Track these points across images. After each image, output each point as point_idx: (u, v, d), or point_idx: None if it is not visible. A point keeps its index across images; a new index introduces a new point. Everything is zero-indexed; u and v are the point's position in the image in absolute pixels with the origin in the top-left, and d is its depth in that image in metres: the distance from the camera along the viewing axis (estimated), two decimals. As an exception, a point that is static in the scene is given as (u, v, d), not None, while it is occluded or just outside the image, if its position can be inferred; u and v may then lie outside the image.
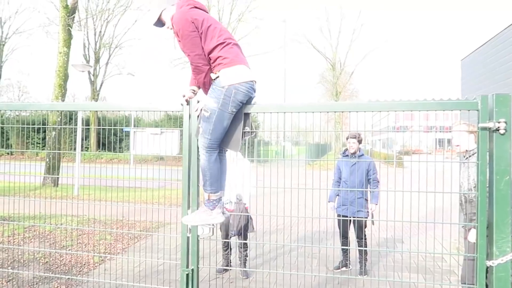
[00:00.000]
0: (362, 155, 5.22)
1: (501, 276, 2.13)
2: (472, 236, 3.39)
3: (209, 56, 2.49)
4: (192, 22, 2.43)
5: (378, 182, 5.15)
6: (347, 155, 5.24)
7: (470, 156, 3.56)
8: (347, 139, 5.18)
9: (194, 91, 2.75)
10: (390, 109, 2.56)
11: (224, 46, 2.46)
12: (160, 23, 2.68)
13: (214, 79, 2.49)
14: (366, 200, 5.14)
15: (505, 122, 2.12)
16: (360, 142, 5.18)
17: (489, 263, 2.15)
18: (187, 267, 2.85)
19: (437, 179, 2.63)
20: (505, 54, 5.10)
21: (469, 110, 2.36)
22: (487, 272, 2.20)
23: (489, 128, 2.18)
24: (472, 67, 6.29)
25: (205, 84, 2.58)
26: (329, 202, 5.31)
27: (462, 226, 3.60)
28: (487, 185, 2.21)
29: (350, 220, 5.19)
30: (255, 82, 2.55)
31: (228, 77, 2.42)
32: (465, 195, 3.54)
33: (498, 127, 2.12)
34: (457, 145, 3.69)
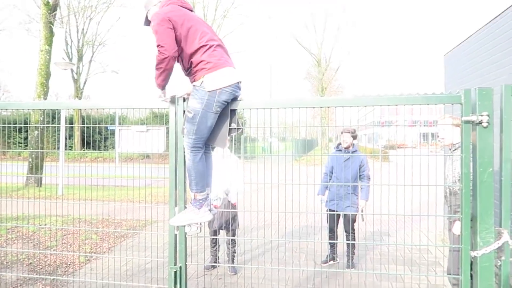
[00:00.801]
0: (356, 150, 5.19)
1: (486, 266, 2.17)
2: (456, 228, 3.45)
3: (191, 60, 2.45)
4: (169, 20, 2.39)
5: (369, 178, 5.16)
6: (341, 150, 5.20)
7: (455, 150, 3.61)
8: (341, 133, 5.15)
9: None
10: (375, 104, 2.57)
11: (207, 49, 2.42)
12: (149, 22, 2.65)
13: (199, 85, 2.43)
14: (356, 195, 5.16)
15: (488, 115, 2.15)
16: (355, 137, 5.15)
17: (473, 253, 2.18)
18: (175, 264, 2.83)
19: (422, 173, 2.66)
20: (487, 48, 5.19)
21: (452, 104, 2.39)
22: (472, 263, 2.24)
23: (472, 122, 2.21)
24: (455, 62, 6.38)
25: (163, 87, 2.54)
26: (318, 195, 5.31)
27: (447, 218, 3.66)
28: (471, 178, 2.25)
29: (339, 215, 5.22)
30: (240, 81, 2.53)
31: (212, 83, 2.39)
32: (449, 187, 3.59)
33: (481, 120, 2.16)
34: (442, 138, 3.74)
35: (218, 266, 5.13)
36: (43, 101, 3.12)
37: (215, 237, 4.92)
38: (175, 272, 2.82)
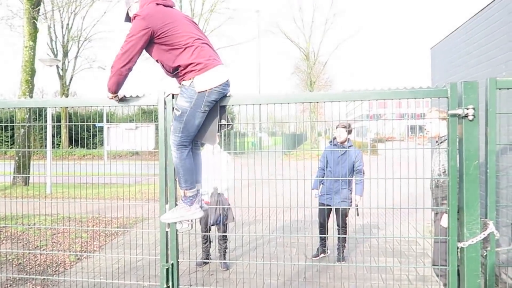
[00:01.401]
0: (351, 145, 5.19)
1: (472, 257, 2.22)
2: (444, 221, 3.51)
3: (178, 63, 2.39)
4: (147, 28, 2.31)
5: (364, 173, 5.18)
6: (336, 144, 5.19)
7: (441, 142, 3.66)
8: (336, 127, 5.15)
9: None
10: (364, 99, 2.59)
11: (194, 50, 2.37)
12: (130, 19, 2.59)
13: (188, 85, 2.41)
14: (350, 190, 5.19)
15: (473, 109, 2.19)
16: (350, 132, 5.15)
17: (460, 244, 2.23)
18: (167, 261, 2.83)
19: (410, 166, 2.70)
20: (473, 41, 5.25)
21: (439, 98, 2.43)
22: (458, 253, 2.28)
23: (459, 115, 2.24)
24: (442, 55, 6.46)
25: (116, 90, 2.50)
26: (312, 189, 5.34)
27: (433, 211, 3.72)
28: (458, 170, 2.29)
29: (330, 209, 5.25)
30: (229, 78, 2.52)
31: (202, 83, 2.37)
32: (435, 180, 3.65)
33: (467, 114, 2.20)
34: (428, 131, 3.79)
35: (210, 262, 5.14)
36: (29, 100, 3.08)
37: (206, 233, 4.93)
38: (167, 269, 2.82)
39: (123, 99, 2.67)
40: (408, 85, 2.54)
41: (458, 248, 2.26)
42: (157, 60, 2.50)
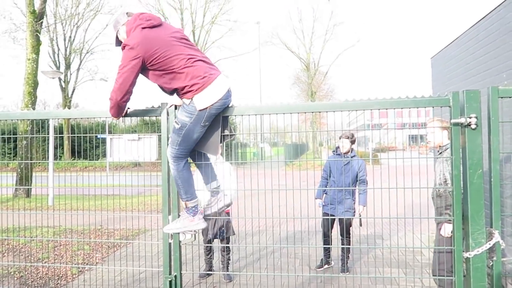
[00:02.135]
0: (355, 155, 5.18)
1: (478, 267, 2.20)
2: (446, 230, 3.48)
3: (174, 87, 2.39)
4: (137, 57, 2.30)
5: (367, 183, 5.17)
6: (339, 154, 5.19)
7: (442, 152, 3.66)
8: (340, 138, 5.16)
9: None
10: (366, 108, 2.60)
11: (188, 71, 2.33)
12: (120, 43, 2.54)
13: (188, 103, 2.40)
14: (354, 200, 5.17)
15: (476, 117, 2.19)
16: (353, 142, 5.14)
17: (466, 254, 2.21)
18: (170, 273, 2.81)
19: (413, 175, 2.69)
20: (474, 50, 5.27)
21: (441, 107, 2.43)
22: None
23: (461, 124, 2.24)
24: (442, 64, 6.48)
25: (119, 116, 2.55)
26: (316, 198, 5.32)
27: (434, 220, 3.71)
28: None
29: (334, 219, 5.22)
30: (229, 87, 2.48)
31: (202, 102, 2.35)
32: (436, 189, 3.64)
33: (470, 122, 2.19)
34: (429, 141, 3.80)
35: (213, 274, 5.10)
36: (31, 111, 3.09)
37: (209, 244, 4.90)
38: (170, 282, 2.80)
39: (127, 114, 2.69)
40: (408, 94, 2.54)
41: (464, 258, 2.24)
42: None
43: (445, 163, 3.57)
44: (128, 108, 2.72)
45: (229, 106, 2.56)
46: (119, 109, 2.49)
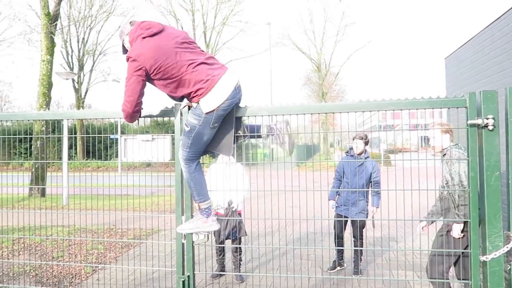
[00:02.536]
0: (368, 157, 5.15)
1: (495, 271, 2.16)
2: (455, 231, 3.45)
3: (179, 94, 2.42)
4: (140, 68, 2.33)
5: (380, 184, 5.12)
6: (352, 155, 5.16)
7: (444, 155, 3.65)
8: (353, 139, 5.12)
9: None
10: (380, 109, 2.58)
11: (190, 77, 2.32)
12: (127, 51, 2.55)
13: (195, 107, 2.42)
14: (367, 202, 5.13)
15: (493, 118, 2.16)
16: (367, 143, 5.11)
17: (483, 258, 2.18)
18: (183, 273, 2.82)
19: (425, 177, 2.67)
20: (489, 50, 5.20)
21: (457, 108, 2.40)
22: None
23: (478, 125, 2.21)
24: (456, 65, 6.40)
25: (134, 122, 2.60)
26: (329, 200, 5.30)
27: (445, 223, 3.67)
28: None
29: (346, 220, 5.19)
30: (237, 83, 2.43)
31: (208, 105, 2.35)
32: (440, 192, 3.66)
33: (487, 124, 2.16)
34: (433, 147, 3.80)
35: (225, 274, 5.11)
36: (47, 112, 3.14)
37: (221, 245, 4.91)
38: (183, 282, 2.82)
39: (141, 116, 2.72)
40: (421, 95, 2.52)
41: (481, 261, 2.21)
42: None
43: (445, 166, 3.56)
44: (142, 108, 2.75)
45: (239, 103, 2.54)
46: (132, 118, 2.53)
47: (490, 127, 2.16)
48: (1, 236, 5.78)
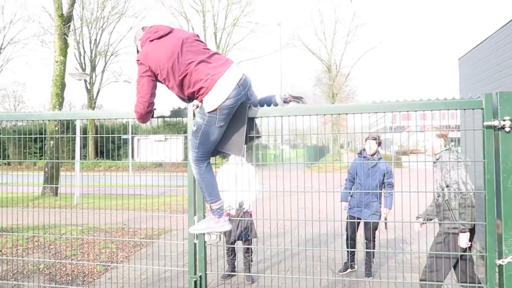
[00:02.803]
0: (381, 158, 5.12)
1: (511, 275, 2.13)
2: (462, 241, 3.37)
3: (185, 95, 2.45)
4: (148, 69, 2.39)
5: (393, 186, 5.10)
6: (365, 156, 5.12)
7: (437, 160, 3.58)
8: (366, 140, 5.10)
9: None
10: (394, 110, 2.56)
11: (190, 78, 2.35)
12: None
13: (200, 106, 2.44)
14: (380, 203, 5.10)
15: (510, 120, 2.13)
16: (379, 144, 5.09)
17: (499, 262, 2.15)
18: (195, 273, 2.84)
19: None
20: (503, 52, 5.13)
21: (473, 109, 2.37)
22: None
23: (494, 127, 2.19)
24: (470, 66, 6.32)
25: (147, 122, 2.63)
26: (341, 201, 5.27)
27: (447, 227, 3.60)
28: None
29: (359, 222, 5.16)
30: (241, 79, 2.38)
31: (209, 104, 2.35)
32: (435, 199, 3.59)
33: (503, 125, 2.14)
34: (426, 150, 3.72)
35: (236, 275, 5.12)
36: (61, 112, 3.20)
37: (232, 245, 4.92)
38: (195, 282, 2.83)
39: (153, 116, 2.75)
40: (433, 96, 2.49)
41: (496, 265, 2.17)
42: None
43: (439, 172, 3.50)
44: (155, 109, 2.78)
45: (249, 99, 2.50)
46: (145, 119, 2.57)
47: (507, 129, 2.14)
48: (16, 234, 5.87)
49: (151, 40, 2.44)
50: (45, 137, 14.89)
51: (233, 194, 4.62)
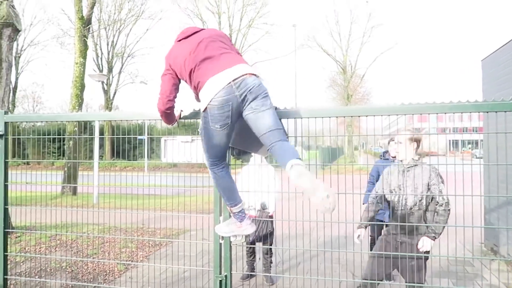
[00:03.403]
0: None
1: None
2: (427, 246, 3.35)
3: (197, 96, 2.48)
4: (169, 68, 2.46)
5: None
6: (387, 159, 5.07)
7: (411, 167, 3.37)
8: (388, 142, 5.05)
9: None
10: (423, 112, 2.55)
11: (195, 77, 2.38)
12: None
13: None
14: None
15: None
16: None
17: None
18: (220, 273, 2.86)
19: (454, 182, 2.60)
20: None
21: (505, 112, 2.34)
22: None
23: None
24: (494, 67, 6.22)
25: (172, 123, 2.68)
26: (363, 204, 5.23)
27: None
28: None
29: (383, 225, 5.11)
30: (237, 78, 2.24)
31: (201, 103, 2.36)
32: (408, 210, 3.42)
33: (538, 128, 2.10)
34: (397, 152, 3.53)
35: (256, 275, 5.13)
36: (81, 113, 3.29)
37: (252, 245, 4.93)
38: (220, 281, 2.85)
39: (180, 118, 2.79)
40: (452, 98, 2.47)
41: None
42: None
43: (413, 181, 3.31)
44: (182, 110, 2.81)
45: (247, 99, 2.26)
46: (167, 117, 2.60)
47: (542, 132, 2.10)
48: (40, 232, 5.99)
49: (179, 40, 2.50)
50: (64, 137, 15.16)
51: (252, 195, 4.63)
